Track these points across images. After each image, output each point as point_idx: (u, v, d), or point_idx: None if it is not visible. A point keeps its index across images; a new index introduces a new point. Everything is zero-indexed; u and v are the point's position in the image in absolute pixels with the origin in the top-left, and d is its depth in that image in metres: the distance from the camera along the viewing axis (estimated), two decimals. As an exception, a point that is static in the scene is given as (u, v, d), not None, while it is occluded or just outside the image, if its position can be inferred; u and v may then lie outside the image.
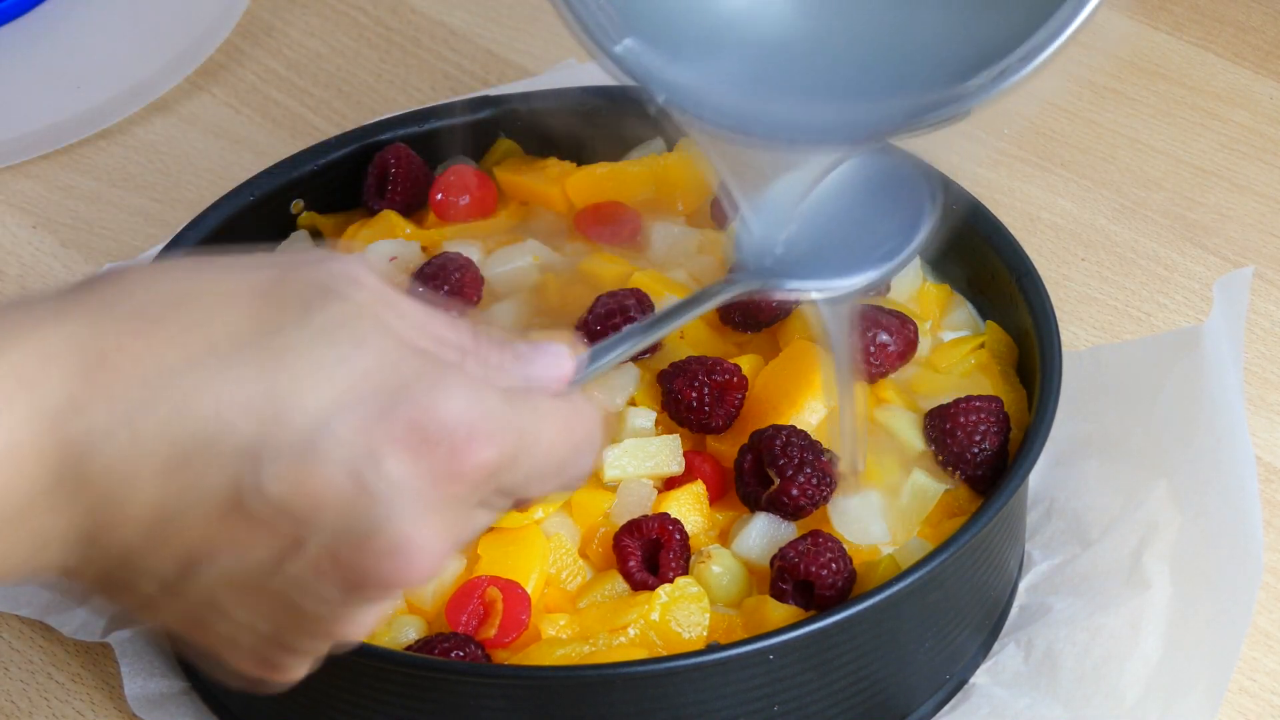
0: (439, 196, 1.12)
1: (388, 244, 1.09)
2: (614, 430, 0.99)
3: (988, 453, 0.96)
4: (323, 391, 0.64)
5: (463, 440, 0.66)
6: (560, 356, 0.72)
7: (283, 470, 0.64)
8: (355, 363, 0.65)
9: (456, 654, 0.88)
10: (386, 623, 0.91)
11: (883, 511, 0.96)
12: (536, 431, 0.68)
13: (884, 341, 1.00)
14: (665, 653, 0.89)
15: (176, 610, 0.67)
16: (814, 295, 0.85)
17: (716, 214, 1.11)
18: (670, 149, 1.14)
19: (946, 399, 0.99)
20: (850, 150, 0.83)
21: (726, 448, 0.98)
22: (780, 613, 0.91)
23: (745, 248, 0.85)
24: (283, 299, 0.66)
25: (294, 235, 1.13)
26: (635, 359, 1.02)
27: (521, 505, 0.71)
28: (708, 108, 0.83)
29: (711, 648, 0.87)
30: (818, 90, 0.83)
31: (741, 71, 0.84)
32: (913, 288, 1.07)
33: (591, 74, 1.30)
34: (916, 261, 1.08)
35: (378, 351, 0.66)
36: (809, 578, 0.91)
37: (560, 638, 0.90)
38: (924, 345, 1.03)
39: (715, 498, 0.97)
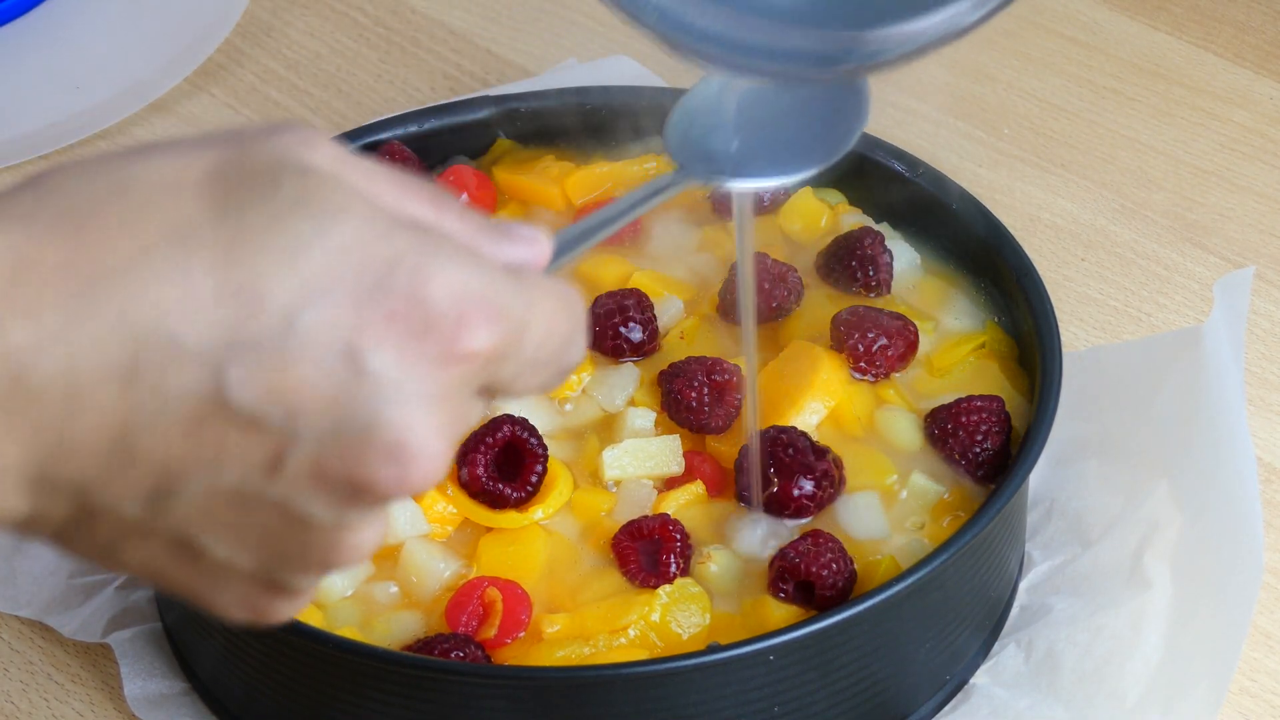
0: (438, 196, 1.12)
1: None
2: (614, 430, 0.99)
3: (989, 452, 0.96)
4: (296, 272, 0.56)
5: (464, 319, 0.59)
6: (537, 239, 0.65)
7: (252, 371, 0.56)
8: (334, 236, 0.57)
9: (456, 654, 0.88)
10: (386, 622, 0.92)
11: (883, 511, 0.96)
12: (534, 314, 0.61)
13: (884, 345, 1.00)
14: (665, 653, 0.89)
15: (147, 554, 0.60)
16: (759, 186, 0.81)
17: (717, 210, 1.11)
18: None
19: (947, 399, 0.99)
20: (822, 76, 0.80)
21: (726, 448, 0.98)
22: (781, 613, 0.91)
23: (682, 147, 0.80)
24: (241, 176, 0.58)
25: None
26: (636, 359, 1.02)
27: (505, 395, 0.63)
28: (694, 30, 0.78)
29: (711, 648, 0.87)
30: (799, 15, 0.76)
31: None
32: (913, 279, 1.07)
33: (591, 74, 1.30)
34: (917, 257, 1.08)
35: (360, 222, 0.58)
36: (809, 578, 0.90)
37: (560, 638, 0.90)
38: (926, 341, 1.03)
39: (715, 498, 0.97)
